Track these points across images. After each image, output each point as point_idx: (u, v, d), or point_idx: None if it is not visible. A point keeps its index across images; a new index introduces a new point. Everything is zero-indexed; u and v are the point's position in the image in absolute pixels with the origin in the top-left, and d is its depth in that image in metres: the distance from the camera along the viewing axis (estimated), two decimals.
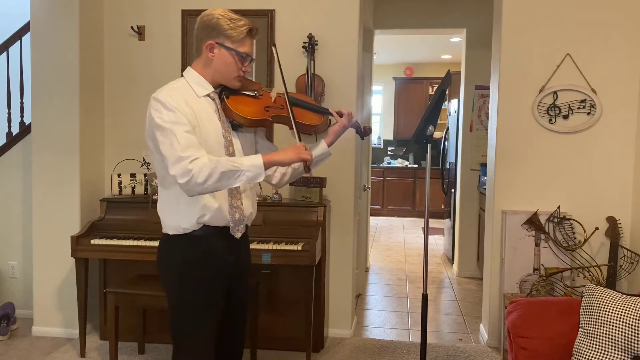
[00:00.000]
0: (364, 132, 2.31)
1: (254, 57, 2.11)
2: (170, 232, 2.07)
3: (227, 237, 2.10)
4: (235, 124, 2.09)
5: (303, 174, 2.24)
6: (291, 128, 2.12)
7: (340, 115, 2.21)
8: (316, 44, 3.73)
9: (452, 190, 6.16)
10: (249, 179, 1.92)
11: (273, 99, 2.15)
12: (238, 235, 2.11)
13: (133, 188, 3.73)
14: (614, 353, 2.09)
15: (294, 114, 2.12)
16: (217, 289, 2.09)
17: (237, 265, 2.17)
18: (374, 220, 8.66)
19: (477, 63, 5.42)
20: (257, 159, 1.93)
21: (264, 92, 2.17)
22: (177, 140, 1.88)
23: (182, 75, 2.11)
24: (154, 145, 1.97)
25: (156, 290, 3.13)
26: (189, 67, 2.10)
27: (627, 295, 2.18)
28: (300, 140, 2.06)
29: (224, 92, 2.09)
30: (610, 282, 3.38)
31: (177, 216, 2.04)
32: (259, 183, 2.14)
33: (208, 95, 2.06)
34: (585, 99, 3.53)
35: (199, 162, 1.86)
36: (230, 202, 2.07)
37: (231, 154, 2.05)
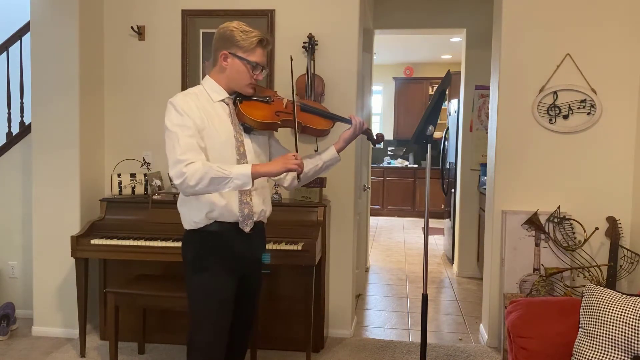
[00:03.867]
0: (377, 139, 2.42)
1: (265, 66, 2.26)
2: (187, 227, 2.25)
3: (238, 232, 2.24)
4: (247, 127, 2.24)
5: (315, 176, 2.42)
6: (300, 132, 2.26)
7: (350, 122, 2.34)
8: (316, 44, 3.74)
9: (452, 190, 6.17)
10: (237, 186, 2.07)
11: (284, 104, 2.30)
12: (247, 229, 2.25)
13: (133, 188, 3.73)
14: (614, 353, 2.09)
15: (305, 118, 2.29)
16: (229, 279, 2.23)
17: (249, 258, 2.32)
18: (374, 220, 8.66)
19: (477, 63, 5.43)
20: (246, 169, 2.07)
21: (277, 98, 2.32)
22: (178, 144, 2.06)
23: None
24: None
25: (156, 290, 3.13)
26: (207, 75, 2.28)
27: (627, 295, 2.18)
28: (297, 147, 2.21)
29: (238, 98, 2.25)
30: (610, 282, 3.38)
31: (190, 211, 2.21)
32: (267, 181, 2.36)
33: (223, 100, 2.23)
34: (585, 99, 3.53)
35: (192, 166, 2.03)
36: (240, 198, 2.22)
37: (242, 153, 2.21)
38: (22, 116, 4.19)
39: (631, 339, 2.05)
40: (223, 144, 2.17)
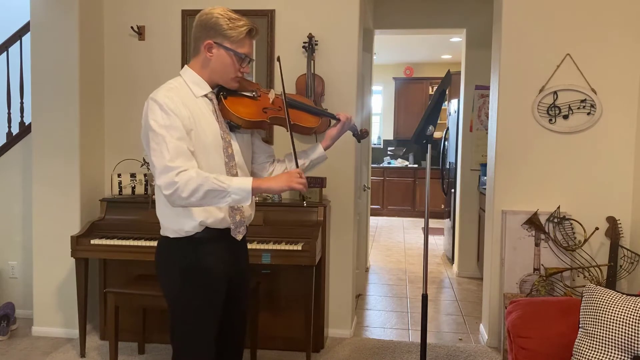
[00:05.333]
0: (361, 134, 2.32)
1: (253, 58, 2.09)
2: (171, 235, 2.04)
3: (228, 240, 2.09)
4: (232, 125, 2.06)
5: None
6: (287, 131, 2.10)
7: (338, 119, 2.22)
8: (316, 44, 3.74)
9: (452, 190, 6.17)
10: (234, 201, 1.88)
11: (271, 100, 2.13)
12: (239, 237, 2.11)
13: (133, 188, 3.73)
14: (614, 353, 2.09)
15: (292, 116, 2.11)
16: (218, 290, 2.08)
17: (237, 267, 2.16)
18: (374, 220, 8.66)
19: (477, 63, 5.43)
20: (247, 183, 1.88)
21: (262, 93, 2.15)
22: (167, 148, 1.85)
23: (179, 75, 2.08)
24: (147, 147, 1.94)
25: (156, 290, 3.12)
26: (186, 66, 2.07)
27: (627, 295, 2.18)
28: (295, 153, 2.06)
29: (221, 92, 2.06)
30: (610, 282, 3.38)
31: (178, 219, 2.00)
32: None
33: (206, 95, 2.03)
34: (585, 99, 3.53)
35: (185, 175, 1.83)
36: None
37: (230, 155, 2.03)
38: (22, 116, 4.19)
39: (631, 339, 2.05)
40: (210, 144, 1.98)
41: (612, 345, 2.10)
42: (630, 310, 2.09)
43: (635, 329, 2.05)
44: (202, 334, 2.07)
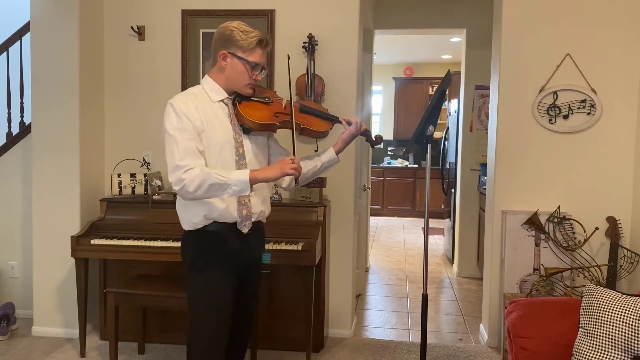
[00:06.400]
0: (375, 140, 2.44)
1: (265, 66, 2.27)
2: (186, 228, 2.27)
3: (236, 232, 2.25)
4: (245, 128, 2.25)
5: (314, 177, 2.43)
6: (299, 134, 2.29)
7: (349, 124, 2.35)
8: (316, 44, 3.74)
9: (452, 190, 6.17)
10: (235, 192, 2.09)
11: (283, 105, 2.32)
12: (245, 230, 2.26)
13: (133, 188, 3.73)
14: (614, 353, 2.09)
15: (304, 120, 2.31)
16: (228, 280, 2.24)
17: (247, 258, 2.32)
18: (374, 220, 8.66)
19: (477, 63, 5.43)
20: (244, 175, 2.08)
21: (276, 99, 2.33)
22: (177, 149, 2.08)
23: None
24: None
25: (156, 290, 3.13)
26: (206, 75, 2.29)
27: (627, 295, 2.18)
28: (294, 150, 2.22)
29: (237, 98, 2.27)
30: (610, 282, 3.38)
31: (189, 212, 2.23)
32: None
33: (222, 100, 2.24)
34: (585, 99, 3.53)
35: (191, 172, 2.05)
36: (238, 199, 2.22)
37: (241, 154, 2.22)
38: (22, 116, 4.19)
39: (631, 339, 2.05)
40: (222, 145, 2.18)
41: (612, 345, 2.10)
42: (630, 310, 2.09)
43: (635, 329, 2.05)
44: (211, 324, 2.21)
